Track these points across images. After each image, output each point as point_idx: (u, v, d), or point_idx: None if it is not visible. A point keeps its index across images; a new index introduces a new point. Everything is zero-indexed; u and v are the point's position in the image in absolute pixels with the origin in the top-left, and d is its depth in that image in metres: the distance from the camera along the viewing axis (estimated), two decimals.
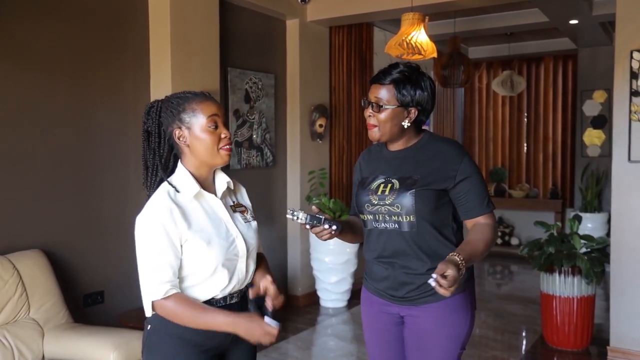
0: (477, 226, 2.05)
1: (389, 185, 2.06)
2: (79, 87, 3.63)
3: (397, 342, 2.18)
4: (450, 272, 1.75)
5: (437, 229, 2.03)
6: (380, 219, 2.08)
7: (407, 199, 2.00)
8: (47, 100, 3.45)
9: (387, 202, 2.04)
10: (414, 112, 2.06)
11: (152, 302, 1.72)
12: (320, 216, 1.94)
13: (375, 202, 2.08)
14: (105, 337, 2.95)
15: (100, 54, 3.76)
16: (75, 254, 3.59)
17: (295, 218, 1.90)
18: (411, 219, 2.01)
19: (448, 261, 1.81)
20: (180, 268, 1.76)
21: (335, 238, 2.08)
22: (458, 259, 1.83)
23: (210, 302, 1.79)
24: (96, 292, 3.72)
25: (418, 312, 2.07)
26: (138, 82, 4.02)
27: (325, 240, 2.01)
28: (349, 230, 2.17)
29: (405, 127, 2.06)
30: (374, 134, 2.08)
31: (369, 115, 2.08)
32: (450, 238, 2.07)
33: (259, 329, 1.72)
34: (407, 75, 2.04)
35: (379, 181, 2.11)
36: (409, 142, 2.12)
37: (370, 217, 2.11)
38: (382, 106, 2.03)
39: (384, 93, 2.04)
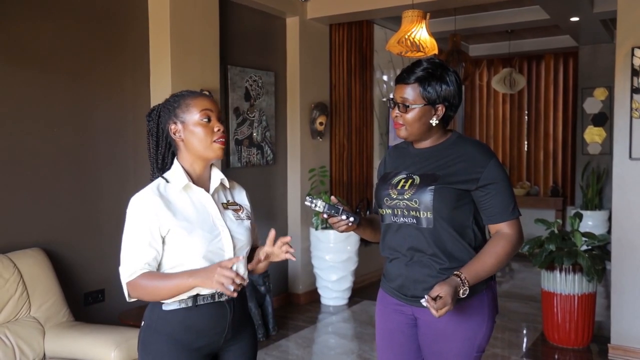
0: (495, 237, 2.01)
1: (410, 181, 2.04)
2: (78, 85, 3.63)
3: (411, 344, 2.14)
4: (444, 293, 1.81)
5: (455, 229, 1.99)
6: (399, 213, 2.05)
7: (426, 195, 1.97)
8: (46, 99, 3.45)
9: (405, 197, 2.02)
10: (441, 109, 2.03)
11: (127, 285, 1.77)
12: (339, 207, 1.95)
13: (394, 197, 2.06)
14: (106, 335, 2.95)
15: (100, 53, 3.76)
16: (76, 253, 3.59)
17: (313, 206, 1.92)
18: (429, 216, 1.98)
19: (446, 282, 1.86)
20: (165, 259, 1.80)
21: (329, 232, 2.08)
22: (459, 280, 1.88)
23: (197, 298, 1.81)
24: (97, 291, 3.73)
25: (431, 315, 1.99)
26: (138, 80, 4.01)
27: (342, 231, 2.02)
28: (368, 226, 2.16)
29: (434, 124, 2.04)
30: (402, 132, 2.06)
31: (396, 115, 2.05)
32: (469, 241, 2.02)
33: (213, 268, 1.69)
34: (431, 72, 2.00)
35: (400, 176, 2.09)
36: (437, 140, 2.09)
37: (388, 211, 2.09)
38: (408, 106, 2.01)
39: (409, 92, 2.01)
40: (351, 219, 1.96)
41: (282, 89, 5.47)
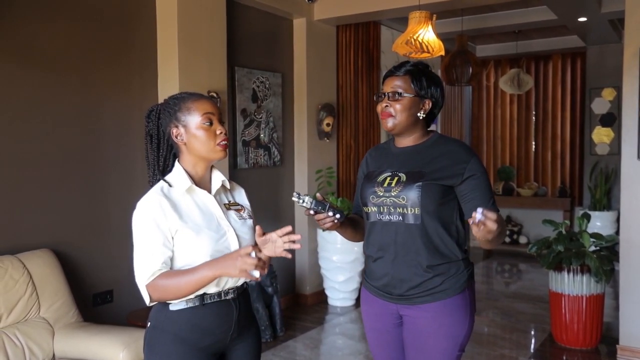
0: None
1: (396, 179, 2.08)
2: (86, 86, 3.65)
3: (398, 342, 2.19)
4: (498, 217, 1.72)
5: (441, 225, 2.04)
6: (385, 211, 2.09)
7: (414, 192, 2.01)
8: (54, 100, 3.47)
9: (392, 194, 2.06)
10: (428, 104, 2.11)
11: (146, 288, 1.76)
12: (326, 203, 1.96)
13: (381, 194, 2.09)
14: (114, 336, 2.97)
15: (108, 54, 3.78)
16: (85, 254, 3.62)
17: (300, 202, 1.91)
18: (416, 212, 2.02)
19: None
20: (174, 260, 1.80)
21: (337, 233, 2.10)
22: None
23: (204, 297, 1.82)
24: (105, 292, 3.75)
25: (416, 311, 2.08)
26: (145, 81, 4.03)
27: (327, 228, 2.03)
28: (349, 225, 2.19)
29: (420, 117, 2.10)
30: (388, 122, 2.10)
31: (385, 105, 2.10)
32: (454, 236, 2.07)
33: (236, 255, 1.70)
34: (421, 69, 2.13)
35: (385, 174, 2.12)
36: (419, 139, 2.14)
37: (374, 209, 2.12)
38: (400, 93, 2.08)
39: (400, 83, 2.10)
40: (337, 215, 1.97)
41: (289, 90, 5.48)
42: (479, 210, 1.70)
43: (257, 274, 1.68)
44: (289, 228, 1.85)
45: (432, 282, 2.05)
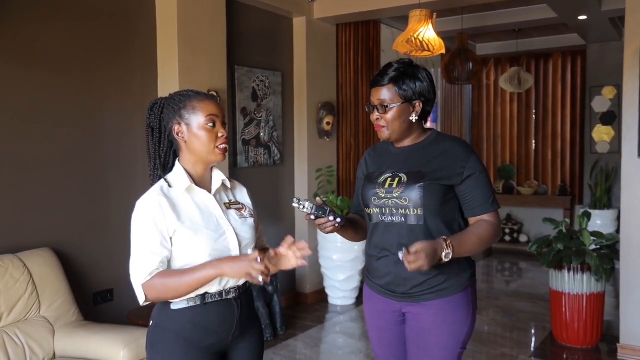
0: (477, 222, 2.07)
1: (397, 179, 2.08)
2: (87, 86, 3.65)
3: (400, 340, 2.20)
4: (420, 248, 1.82)
5: (444, 224, 2.05)
6: (387, 212, 2.09)
7: (415, 193, 2.02)
8: (55, 99, 3.47)
9: (394, 195, 2.06)
10: (418, 105, 2.09)
11: (142, 287, 1.76)
12: (326, 208, 1.97)
13: (382, 196, 2.09)
14: (115, 334, 2.97)
15: (108, 53, 3.78)
16: (85, 253, 3.62)
17: (301, 207, 1.92)
18: (418, 212, 2.03)
19: (429, 241, 1.88)
20: (173, 260, 1.81)
21: (337, 234, 2.10)
22: (444, 243, 1.90)
23: (205, 296, 1.82)
24: (106, 290, 3.75)
25: (419, 309, 2.09)
26: (146, 81, 4.03)
27: (328, 232, 2.03)
28: (349, 226, 2.19)
29: (413, 121, 2.09)
30: (384, 133, 2.11)
31: (377, 118, 2.10)
32: (456, 234, 2.07)
33: (243, 258, 1.71)
34: (403, 71, 2.07)
35: (386, 175, 2.12)
36: (417, 139, 2.14)
37: (376, 210, 2.12)
38: (387, 106, 2.07)
39: (385, 93, 2.07)
40: (338, 219, 1.97)
41: (289, 89, 5.48)
42: (400, 254, 1.82)
43: (261, 279, 1.68)
44: (290, 239, 1.87)
45: (435, 280, 2.05)
